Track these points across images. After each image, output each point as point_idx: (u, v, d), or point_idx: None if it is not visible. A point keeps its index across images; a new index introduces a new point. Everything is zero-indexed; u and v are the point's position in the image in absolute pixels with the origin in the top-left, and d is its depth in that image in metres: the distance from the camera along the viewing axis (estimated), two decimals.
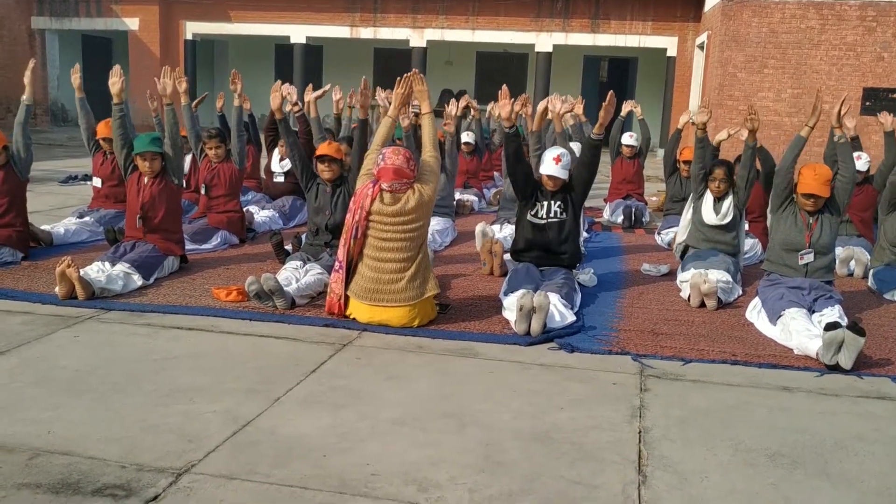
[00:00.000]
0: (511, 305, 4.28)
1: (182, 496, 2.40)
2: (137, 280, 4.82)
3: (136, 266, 4.87)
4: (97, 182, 6.72)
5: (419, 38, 18.20)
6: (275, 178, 7.84)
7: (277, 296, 4.40)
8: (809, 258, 4.59)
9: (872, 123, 11.55)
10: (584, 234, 6.89)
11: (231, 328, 4.15)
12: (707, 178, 5.54)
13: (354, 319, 4.28)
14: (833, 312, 4.32)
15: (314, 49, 19.98)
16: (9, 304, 4.43)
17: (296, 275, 4.78)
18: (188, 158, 7.29)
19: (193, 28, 19.09)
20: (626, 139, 8.56)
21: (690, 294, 4.91)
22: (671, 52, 17.46)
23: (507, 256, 5.42)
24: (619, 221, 8.21)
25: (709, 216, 5.46)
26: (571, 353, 3.92)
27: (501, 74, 17.55)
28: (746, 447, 2.90)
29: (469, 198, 8.95)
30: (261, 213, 7.28)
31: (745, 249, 6.01)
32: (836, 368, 3.74)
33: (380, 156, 4.23)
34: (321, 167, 5.22)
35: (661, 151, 12.97)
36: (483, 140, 9.95)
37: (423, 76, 4.59)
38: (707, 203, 5.51)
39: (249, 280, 4.42)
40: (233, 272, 5.38)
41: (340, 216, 4.98)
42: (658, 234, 7.33)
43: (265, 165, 8.13)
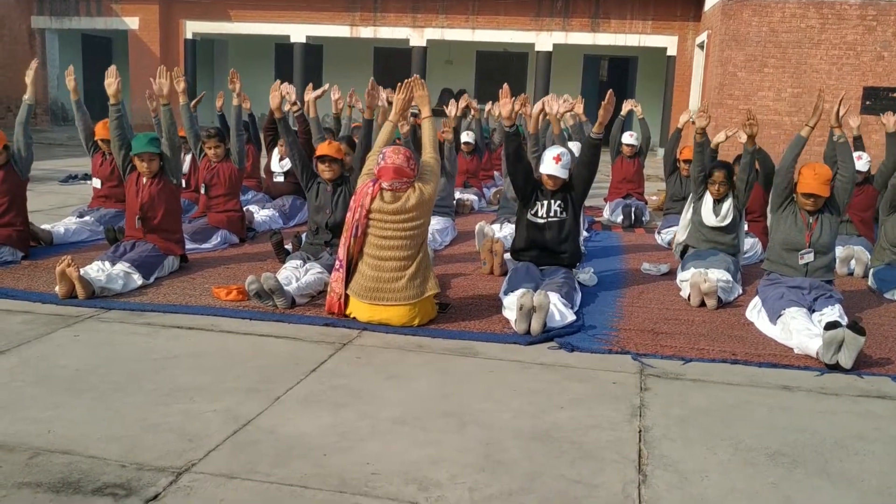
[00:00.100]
0: (511, 305, 4.28)
1: (182, 495, 2.40)
2: (137, 279, 4.82)
3: (137, 265, 4.87)
4: (97, 183, 6.72)
5: (419, 38, 18.20)
6: (274, 178, 7.84)
7: (277, 295, 4.40)
8: (809, 258, 4.59)
9: (873, 123, 11.54)
10: (584, 234, 6.88)
11: (231, 327, 4.15)
12: (707, 181, 5.54)
13: (354, 319, 4.28)
14: (833, 312, 4.32)
15: (314, 48, 19.98)
16: (9, 304, 4.43)
17: (296, 274, 4.78)
18: (188, 158, 7.30)
19: (193, 27, 19.10)
20: (627, 138, 8.56)
21: (690, 293, 4.91)
22: (671, 52, 17.47)
23: (507, 256, 5.43)
24: (619, 221, 8.21)
25: (708, 218, 5.46)
26: (571, 353, 3.92)
27: (501, 74, 17.57)
28: (746, 446, 2.90)
29: (469, 197, 8.96)
30: (261, 213, 7.28)
31: (745, 249, 6.01)
32: (837, 368, 3.74)
33: (380, 155, 4.24)
34: (321, 167, 5.22)
35: (661, 151, 12.98)
36: (483, 139, 9.95)
37: (424, 81, 4.61)
38: (707, 205, 5.50)
39: (250, 279, 4.42)
40: (233, 271, 5.38)
41: (341, 215, 4.98)
42: (658, 234, 7.33)
43: (265, 165, 8.12)
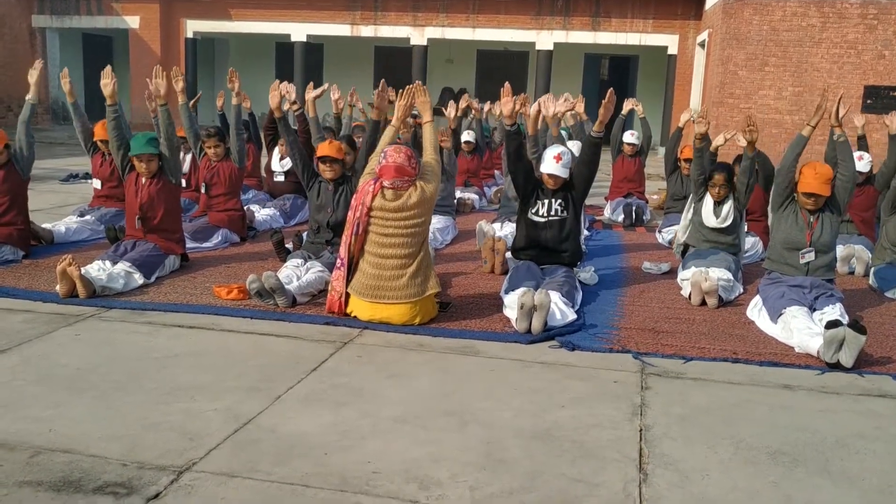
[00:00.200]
0: (512, 303, 4.28)
1: (183, 494, 2.41)
2: (138, 279, 4.83)
3: (138, 265, 4.88)
4: (97, 184, 6.72)
5: (420, 37, 18.19)
6: (275, 178, 7.84)
7: (278, 294, 4.40)
8: (810, 257, 4.59)
9: (873, 122, 11.54)
10: (585, 233, 6.88)
11: (232, 326, 4.16)
12: (707, 183, 5.53)
13: (355, 317, 4.28)
14: (834, 310, 4.32)
15: (315, 47, 19.97)
16: (10, 303, 4.43)
17: (297, 273, 4.78)
18: (188, 157, 7.29)
19: (194, 26, 19.08)
20: (628, 137, 8.56)
21: (691, 292, 4.91)
22: (672, 50, 17.45)
23: (508, 255, 5.42)
24: (620, 220, 8.20)
25: (709, 219, 5.45)
26: (572, 352, 3.92)
27: (502, 73, 17.54)
28: (747, 445, 2.90)
29: (470, 196, 8.96)
30: (261, 212, 7.28)
31: (746, 248, 6.00)
32: (837, 366, 3.74)
33: (382, 155, 4.25)
34: (322, 168, 5.22)
35: (662, 149, 12.96)
36: (483, 138, 9.95)
37: (425, 86, 4.63)
38: (707, 206, 5.50)
39: (250, 278, 4.42)
40: (234, 270, 5.38)
41: (342, 214, 4.98)
42: (659, 233, 7.33)
43: (265, 164, 8.12)
